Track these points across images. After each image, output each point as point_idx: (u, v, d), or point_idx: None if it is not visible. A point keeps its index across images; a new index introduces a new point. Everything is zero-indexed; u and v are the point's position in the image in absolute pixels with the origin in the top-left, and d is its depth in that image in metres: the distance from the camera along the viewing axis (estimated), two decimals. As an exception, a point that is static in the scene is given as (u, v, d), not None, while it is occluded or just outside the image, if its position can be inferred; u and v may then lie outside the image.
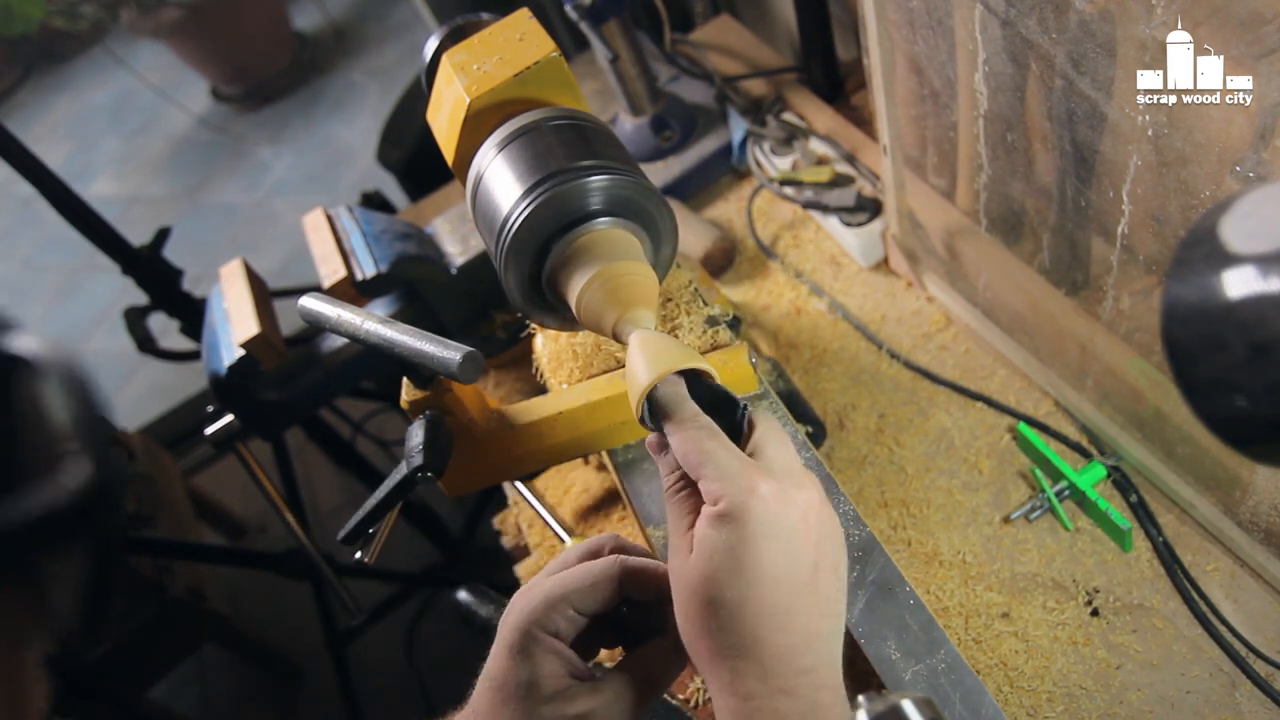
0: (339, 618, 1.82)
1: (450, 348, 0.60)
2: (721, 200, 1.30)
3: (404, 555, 2.22)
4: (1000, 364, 0.99)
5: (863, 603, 0.63)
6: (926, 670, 0.59)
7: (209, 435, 1.04)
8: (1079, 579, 0.83)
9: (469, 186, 0.68)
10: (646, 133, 1.31)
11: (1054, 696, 0.77)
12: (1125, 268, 0.74)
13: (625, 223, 0.63)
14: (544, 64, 0.66)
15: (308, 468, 2.44)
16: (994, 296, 0.95)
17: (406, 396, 0.71)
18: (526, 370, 1.15)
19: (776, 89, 1.35)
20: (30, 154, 1.39)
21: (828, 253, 1.17)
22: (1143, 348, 0.78)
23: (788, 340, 1.10)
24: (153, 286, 1.62)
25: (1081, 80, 0.66)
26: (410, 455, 0.68)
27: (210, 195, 3.70)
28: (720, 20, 1.52)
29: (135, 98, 4.19)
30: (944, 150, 0.93)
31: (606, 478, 1.03)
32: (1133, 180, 0.67)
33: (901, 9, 0.82)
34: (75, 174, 3.95)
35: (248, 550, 2.18)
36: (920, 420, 0.97)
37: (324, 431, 1.93)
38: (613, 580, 0.53)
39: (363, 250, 1.04)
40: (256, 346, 1.01)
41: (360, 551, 0.70)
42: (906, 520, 0.90)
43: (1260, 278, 0.32)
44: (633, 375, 0.53)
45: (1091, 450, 0.90)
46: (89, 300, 3.44)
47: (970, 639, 0.81)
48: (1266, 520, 0.74)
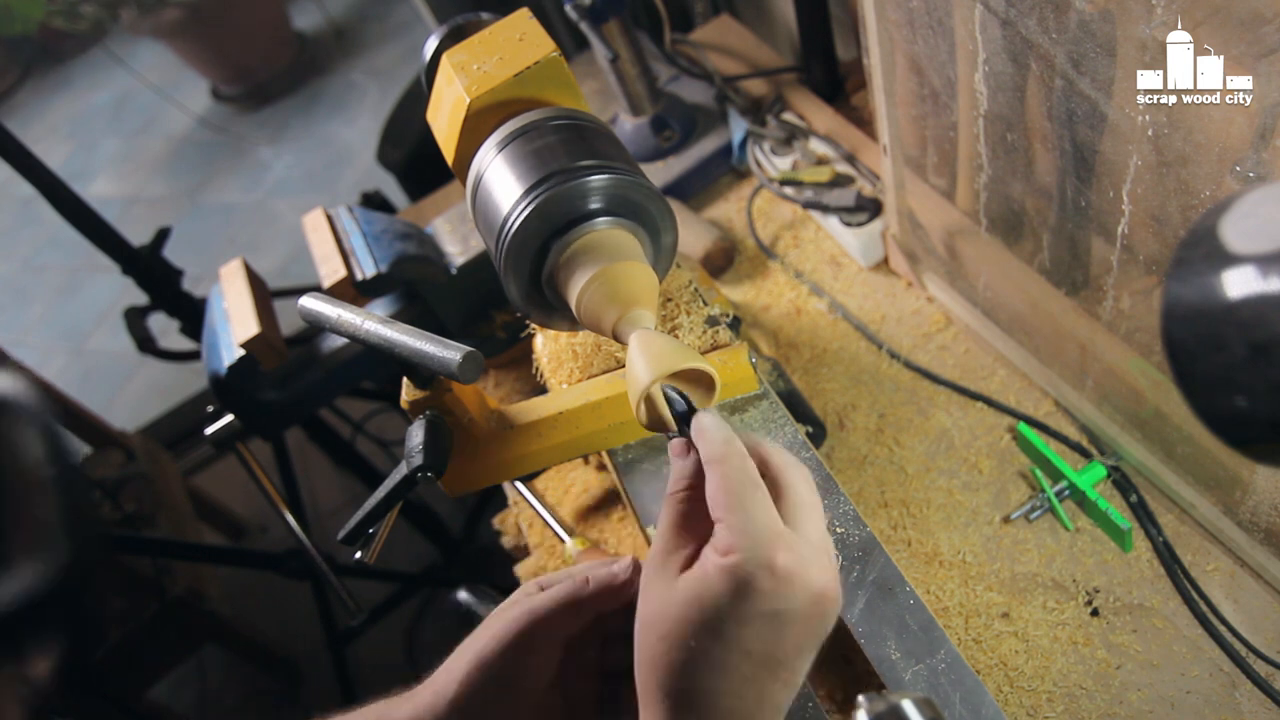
0: (339, 618, 1.82)
1: (450, 348, 0.60)
2: (721, 200, 1.30)
3: (404, 555, 2.22)
4: (1000, 364, 0.99)
5: (863, 603, 0.63)
6: (926, 670, 0.59)
7: (209, 435, 1.04)
8: (1079, 579, 0.83)
9: (469, 186, 0.68)
10: (646, 133, 1.31)
11: (1054, 696, 0.77)
12: (1125, 268, 0.74)
13: (625, 223, 0.63)
14: (544, 64, 0.66)
15: (308, 468, 2.44)
16: (994, 296, 0.95)
17: (406, 396, 0.71)
18: (526, 370, 1.15)
19: (776, 89, 1.35)
20: (30, 154, 1.39)
21: (828, 253, 1.17)
22: (1143, 348, 0.78)
23: (788, 340, 1.10)
24: (153, 286, 1.62)
25: (1081, 80, 0.66)
26: (410, 455, 0.68)
27: (210, 195, 3.70)
28: (720, 20, 1.52)
29: (135, 98, 4.19)
30: (944, 150, 0.93)
31: (606, 478, 1.03)
32: (1133, 180, 0.67)
33: (901, 9, 0.82)
34: (75, 174, 3.95)
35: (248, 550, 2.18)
36: (920, 420, 0.98)
37: (324, 431, 1.93)
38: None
39: (363, 250, 1.04)
40: (256, 346, 1.01)
41: (360, 551, 0.70)
42: (906, 520, 0.90)
43: (1260, 278, 0.32)
44: (633, 375, 0.53)
45: (1091, 450, 0.90)
46: (89, 300, 3.44)
47: (970, 639, 0.81)
48: (1266, 520, 0.74)
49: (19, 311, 3.54)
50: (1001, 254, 0.91)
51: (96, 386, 3.07)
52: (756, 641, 0.43)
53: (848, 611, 0.62)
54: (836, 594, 0.45)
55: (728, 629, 0.42)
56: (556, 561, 1.00)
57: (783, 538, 0.44)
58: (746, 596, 0.42)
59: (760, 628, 0.43)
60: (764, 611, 0.43)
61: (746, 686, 0.43)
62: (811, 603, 0.43)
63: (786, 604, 0.43)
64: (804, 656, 0.45)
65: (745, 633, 0.43)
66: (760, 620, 0.43)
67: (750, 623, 0.42)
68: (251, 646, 2.08)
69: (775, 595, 0.42)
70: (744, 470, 0.46)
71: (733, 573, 0.42)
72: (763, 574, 0.42)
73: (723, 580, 0.43)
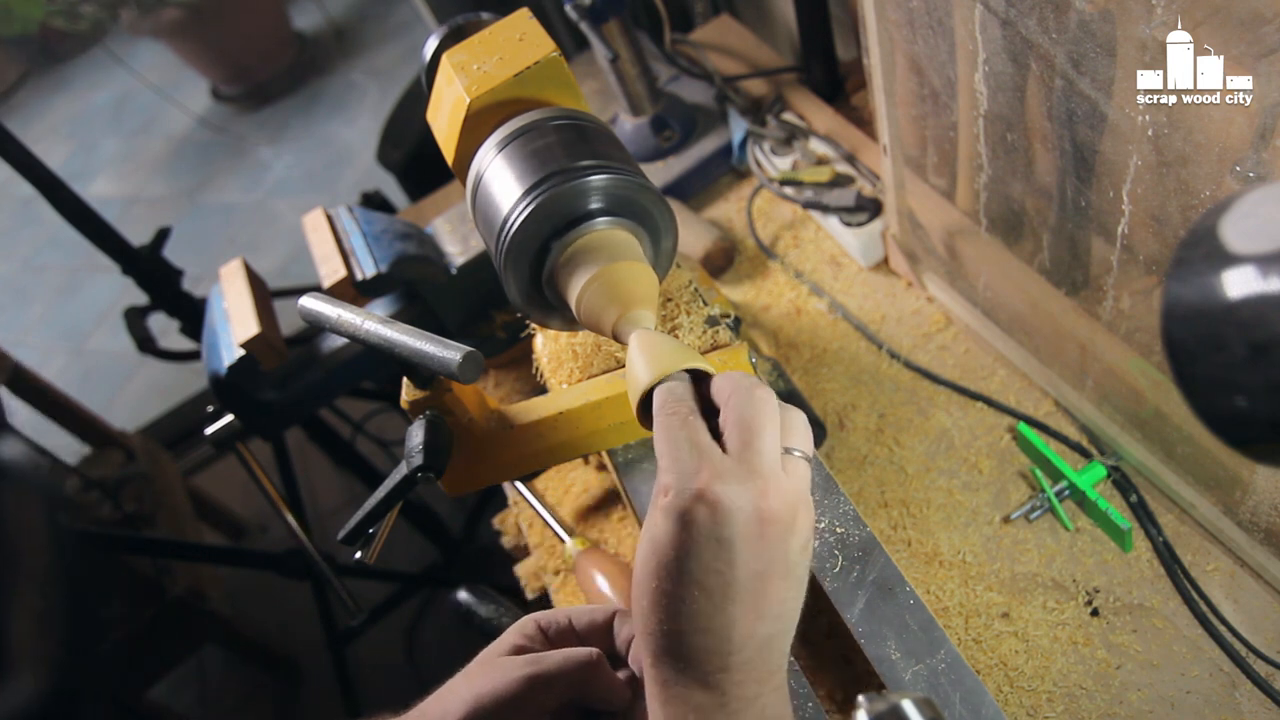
0: (339, 618, 1.82)
1: (450, 348, 0.60)
2: (721, 200, 1.30)
3: (404, 555, 2.22)
4: (1000, 364, 0.99)
5: (863, 603, 0.63)
6: (926, 670, 0.59)
7: (209, 435, 1.04)
8: (1079, 579, 0.83)
9: (469, 186, 0.68)
10: (646, 133, 1.31)
11: (1054, 696, 0.77)
12: (1125, 268, 0.74)
13: (625, 222, 0.63)
14: (544, 64, 0.66)
15: (308, 468, 2.44)
16: (994, 296, 0.95)
17: (406, 396, 0.71)
18: (526, 370, 1.15)
19: (776, 89, 1.35)
20: (30, 154, 1.39)
21: (828, 253, 1.17)
22: (1143, 348, 0.78)
23: (788, 340, 1.10)
24: (153, 286, 1.62)
25: (1081, 80, 0.66)
26: (410, 455, 0.68)
27: (210, 195, 3.70)
28: (720, 20, 1.52)
29: (135, 98, 4.19)
30: (944, 150, 0.93)
31: (606, 478, 1.03)
32: (1133, 180, 0.67)
33: (901, 9, 0.82)
34: (75, 174, 3.95)
35: (248, 550, 2.18)
36: (920, 420, 0.98)
37: (324, 431, 1.93)
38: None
39: (363, 250, 1.04)
40: (256, 346, 1.01)
41: (360, 551, 0.70)
42: (906, 520, 0.91)
43: (1260, 278, 0.32)
44: (633, 375, 0.53)
45: (1091, 450, 0.90)
46: (89, 300, 3.44)
47: (970, 639, 0.81)
48: (1266, 520, 0.74)
49: (19, 311, 3.54)
50: (1001, 254, 0.91)
51: (96, 386, 3.07)
52: (708, 574, 0.43)
53: (848, 611, 0.62)
54: (781, 510, 0.44)
55: (678, 566, 0.43)
56: (556, 561, 1.00)
57: (711, 464, 0.44)
58: (688, 530, 0.43)
59: (708, 559, 0.43)
60: (707, 541, 0.43)
61: (712, 620, 0.43)
62: (751, 523, 0.43)
63: (727, 529, 0.43)
64: (771, 581, 0.44)
65: (694, 566, 0.43)
66: (707, 551, 0.43)
67: (697, 555, 0.43)
68: (251, 646, 2.09)
69: (714, 523, 0.43)
70: (673, 410, 0.47)
71: (668, 511, 0.44)
72: (696, 505, 0.43)
73: (664, 520, 0.44)
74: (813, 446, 0.49)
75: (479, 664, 0.55)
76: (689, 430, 0.46)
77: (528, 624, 0.57)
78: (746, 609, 0.44)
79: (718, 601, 0.43)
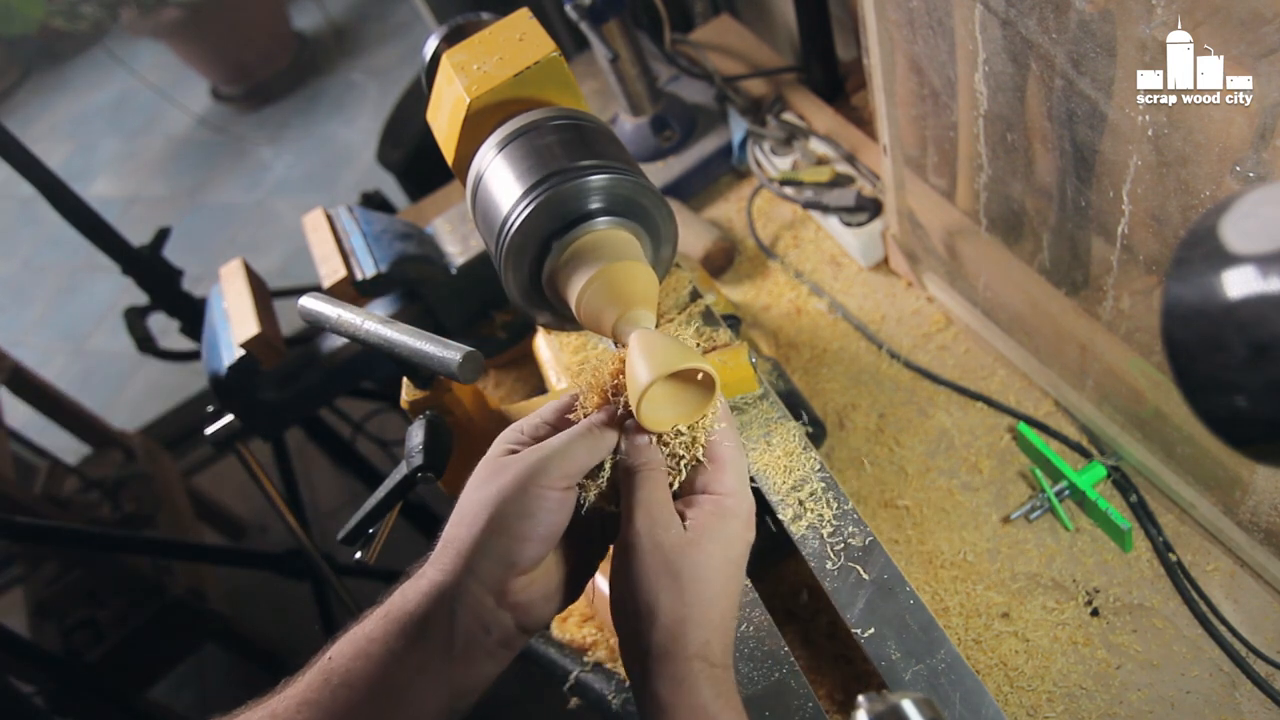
0: (339, 618, 1.82)
1: (450, 348, 0.60)
2: (721, 200, 1.30)
3: (404, 555, 2.22)
4: (1000, 364, 0.99)
5: (863, 603, 0.63)
6: (926, 670, 0.59)
7: (209, 435, 1.04)
8: (1079, 579, 0.83)
9: (469, 186, 0.68)
10: (646, 133, 1.31)
11: (1054, 696, 0.77)
12: (1125, 268, 0.74)
13: (625, 222, 0.63)
14: (544, 64, 0.66)
15: (308, 468, 2.44)
16: (994, 296, 0.95)
17: (406, 396, 0.71)
18: (526, 370, 1.15)
19: (776, 89, 1.35)
20: (30, 154, 1.39)
21: (828, 253, 1.17)
22: (1143, 348, 0.78)
23: (788, 340, 1.10)
24: (153, 286, 1.62)
25: (1081, 80, 0.66)
26: (410, 455, 0.68)
27: (210, 195, 3.70)
28: (720, 20, 1.52)
29: (135, 98, 4.19)
30: (944, 150, 0.93)
31: (606, 478, 1.03)
32: (1133, 180, 0.67)
33: (901, 9, 0.82)
34: (75, 174, 3.95)
35: (248, 550, 2.18)
36: (920, 420, 0.98)
37: (324, 431, 1.92)
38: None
39: (363, 250, 1.04)
40: (256, 346, 1.01)
41: (360, 551, 0.70)
42: (906, 520, 0.90)
43: (1260, 278, 0.32)
44: (633, 375, 0.53)
45: (1091, 450, 0.90)
46: (89, 300, 3.44)
47: (970, 639, 0.81)
48: (1266, 520, 0.74)
49: (19, 311, 3.54)
50: (1001, 254, 0.91)
51: (96, 386, 3.07)
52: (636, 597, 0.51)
53: (848, 612, 0.62)
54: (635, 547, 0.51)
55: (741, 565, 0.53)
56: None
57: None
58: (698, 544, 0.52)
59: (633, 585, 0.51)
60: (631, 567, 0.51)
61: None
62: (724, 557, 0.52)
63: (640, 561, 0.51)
64: (661, 598, 0.50)
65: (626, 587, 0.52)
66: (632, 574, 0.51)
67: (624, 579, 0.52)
68: (251, 646, 2.08)
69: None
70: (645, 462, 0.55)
71: (749, 520, 0.54)
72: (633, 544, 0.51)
73: (744, 530, 0.54)
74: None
75: (483, 473, 0.54)
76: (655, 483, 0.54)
77: (509, 433, 0.57)
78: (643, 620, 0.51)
79: (645, 619, 0.50)
